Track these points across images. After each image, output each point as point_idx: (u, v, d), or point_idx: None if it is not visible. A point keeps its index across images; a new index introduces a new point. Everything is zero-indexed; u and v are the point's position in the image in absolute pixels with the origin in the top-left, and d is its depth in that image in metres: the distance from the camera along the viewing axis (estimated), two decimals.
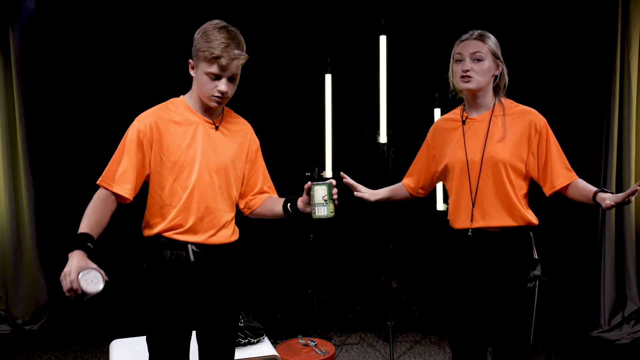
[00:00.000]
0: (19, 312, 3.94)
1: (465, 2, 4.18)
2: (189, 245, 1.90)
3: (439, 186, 3.76)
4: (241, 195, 2.08)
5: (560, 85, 4.06)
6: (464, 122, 2.13)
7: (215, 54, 1.80)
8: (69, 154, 4.00)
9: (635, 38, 3.79)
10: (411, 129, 4.14)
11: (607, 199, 1.84)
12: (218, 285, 1.96)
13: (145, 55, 4.01)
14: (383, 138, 3.65)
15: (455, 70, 2.11)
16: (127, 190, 1.86)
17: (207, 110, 1.94)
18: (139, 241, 1.97)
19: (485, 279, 2.06)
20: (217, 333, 1.99)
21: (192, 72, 1.90)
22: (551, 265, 3.37)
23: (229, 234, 1.97)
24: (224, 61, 1.81)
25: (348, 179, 2.29)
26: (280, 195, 2.15)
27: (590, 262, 3.97)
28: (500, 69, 2.09)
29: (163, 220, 1.90)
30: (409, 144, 4.07)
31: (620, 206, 1.87)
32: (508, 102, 2.12)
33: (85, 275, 1.68)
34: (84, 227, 1.79)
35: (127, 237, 3.82)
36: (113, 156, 1.88)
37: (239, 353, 2.63)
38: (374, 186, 2.47)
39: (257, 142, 2.09)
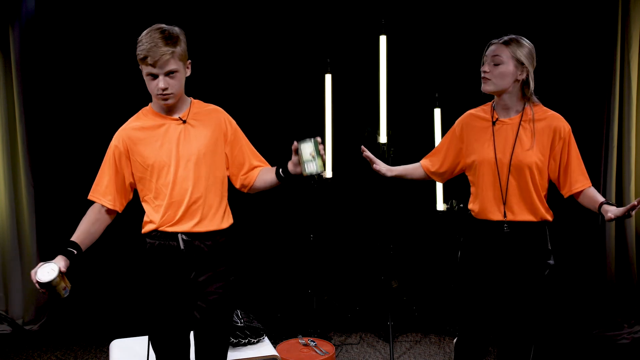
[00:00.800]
0: (19, 312, 3.94)
1: (465, 2, 4.18)
2: (179, 235, 2.00)
3: (440, 186, 3.76)
4: (232, 176, 2.17)
5: (560, 85, 4.06)
6: (494, 123, 2.26)
7: (141, 55, 1.92)
8: (69, 154, 4.00)
9: (635, 38, 3.79)
10: (411, 129, 4.15)
11: (610, 211, 2.02)
12: (211, 272, 2.03)
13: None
14: (383, 138, 3.65)
15: (481, 71, 2.26)
16: (109, 201, 2.03)
17: (170, 110, 2.04)
18: (139, 244, 2.06)
19: (508, 265, 2.23)
20: (211, 324, 2.06)
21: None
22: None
23: (218, 221, 2.05)
24: (150, 60, 1.90)
25: (367, 152, 2.43)
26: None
27: (591, 261, 3.97)
28: (525, 74, 2.19)
29: (156, 219, 2.01)
30: (409, 144, 4.09)
31: (621, 220, 2.01)
32: (538, 108, 2.23)
33: (41, 267, 1.87)
34: (74, 235, 2.01)
35: (128, 240, 3.83)
36: (99, 171, 2.07)
37: (239, 353, 2.63)
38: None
39: (233, 122, 2.15)
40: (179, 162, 2.00)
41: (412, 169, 2.50)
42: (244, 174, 2.17)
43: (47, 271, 1.86)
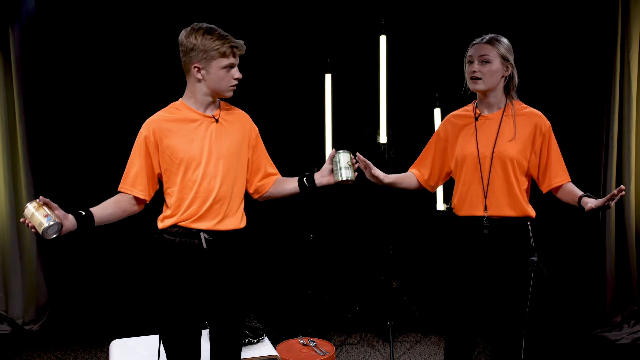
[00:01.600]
0: (19, 312, 3.94)
1: (465, 2, 4.18)
2: (202, 233, 2.01)
3: (440, 186, 3.76)
4: (248, 180, 2.20)
5: (560, 85, 4.06)
6: (476, 119, 2.30)
7: (232, 43, 1.97)
8: (69, 154, 4.00)
9: (635, 38, 3.79)
10: (411, 129, 4.16)
11: (590, 202, 2.05)
12: (229, 271, 2.06)
13: (145, 55, 4.01)
14: (383, 138, 3.65)
15: (467, 72, 2.28)
16: (140, 191, 2.04)
17: (207, 108, 2.07)
18: (140, 244, 2.02)
19: (490, 262, 2.25)
20: (227, 320, 2.09)
21: (198, 75, 2.00)
22: (552, 265, 3.38)
23: (238, 221, 2.08)
24: (237, 50, 1.99)
25: (363, 159, 2.40)
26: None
27: (591, 262, 3.97)
28: (510, 71, 2.25)
29: (177, 212, 2.02)
30: (409, 144, 4.08)
31: (602, 210, 2.03)
32: (517, 104, 2.29)
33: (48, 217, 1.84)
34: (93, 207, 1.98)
35: (128, 240, 3.83)
36: (128, 162, 2.05)
37: None
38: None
39: (256, 128, 2.21)
40: (210, 159, 2.03)
41: (404, 177, 2.50)
42: (260, 180, 2.22)
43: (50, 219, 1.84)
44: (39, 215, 1.82)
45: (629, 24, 3.79)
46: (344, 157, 2.13)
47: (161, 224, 2.06)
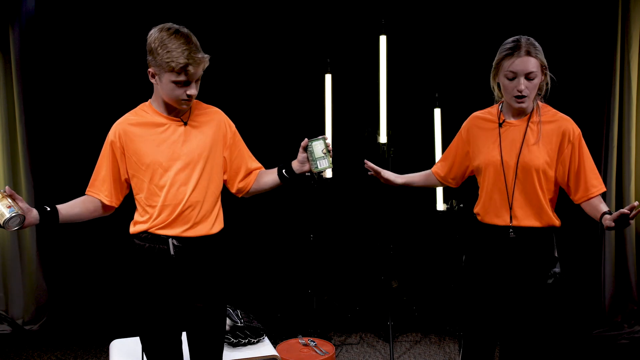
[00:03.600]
0: (19, 312, 3.94)
1: (465, 2, 4.18)
2: (170, 240, 1.95)
3: (440, 187, 3.75)
4: (229, 181, 2.12)
5: (560, 85, 4.05)
6: (500, 125, 2.18)
7: (182, 63, 1.81)
8: (69, 154, 4.00)
9: (635, 38, 3.79)
10: (411, 129, 4.16)
11: (608, 219, 1.93)
12: (199, 277, 1.99)
13: (145, 55, 4.00)
14: (383, 138, 3.65)
15: (507, 87, 2.10)
16: (105, 197, 2.00)
17: (173, 110, 1.97)
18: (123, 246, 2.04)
19: (512, 272, 2.17)
20: (203, 327, 2.03)
21: (153, 80, 1.93)
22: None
23: (209, 226, 2.00)
24: (192, 69, 1.82)
25: (371, 164, 2.40)
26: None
27: (591, 261, 3.97)
28: (545, 75, 2.13)
29: (147, 220, 1.96)
30: (409, 144, 4.09)
31: (618, 228, 1.91)
32: (544, 108, 2.16)
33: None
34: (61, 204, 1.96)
35: (128, 240, 3.83)
36: (96, 165, 2.02)
37: (239, 353, 2.63)
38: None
39: (232, 126, 2.11)
40: (177, 164, 1.94)
41: (421, 175, 2.45)
42: (242, 179, 2.13)
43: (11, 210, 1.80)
44: (2, 206, 1.79)
45: (629, 24, 3.79)
46: (317, 146, 2.04)
47: (132, 229, 2.01)
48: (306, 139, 2.04)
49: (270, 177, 2.12)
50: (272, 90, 4.23)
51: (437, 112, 3.74)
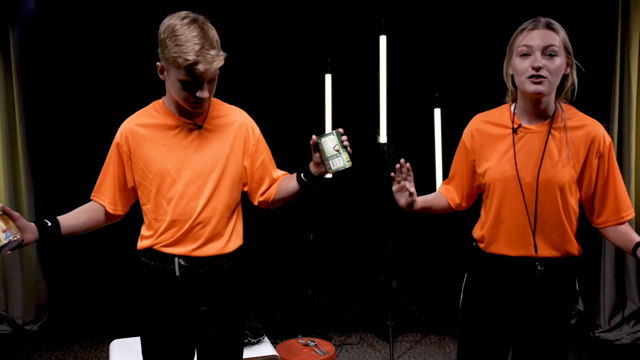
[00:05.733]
0: (19, 312, 3.94)
1: (464, 2, 4.18)
2: (176, 259, 1.72)
3: (439, 186, 3.75)
4: (251, 193, 1.87)
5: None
6: (515, 131, 1.74)
7: (190, 60, 1.54)
8: (69, 154, 4.00)
9: (635, 38, 3.79)
10: (411, 129, 4.15)
11: None
12: (211, 302, 1.77)
13: (146, 55, 4.00)
14: (383, 138, 3.65)
15: (519, 67, 1.66)
16: (109, 205, 1.79)
17: (187, 111, 1.72)
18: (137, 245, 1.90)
19: (529, 312, 1.77)
20: (214, 352, 1.80)
21: (162, 76, 1.68)
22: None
23: (222, 244, 1.75)
24: (201, 67, 1.56)
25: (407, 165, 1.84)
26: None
27: (591, 262, 3.97)
28: (571, 67, 1.70)
29: (152, 235, 1.76)
30: (409, 144, 4.09)
31: None
32: (569, 110, 1.75)
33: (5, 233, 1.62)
34: (63, 215, 1.76)
35: (128, 240, 3.83)
36: (102, 169, 1.83)
37: None
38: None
39: (256, 130, 1.84)
40: (188, 175, 1.70)
41: (434, 198, 1.96)
42: (264, 191, 1.86)
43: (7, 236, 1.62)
44: None
45: (629, 24, 3.79)
46: (328, 144, 1.73)
47: (139, 244, 1.80)
48: (314, 136, 1.73)
49: (291, 183, 1.84)
50: (272, 90, 4.22)
51: (437, 112, 3.74)
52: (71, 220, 1.75)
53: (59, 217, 1.73)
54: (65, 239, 1.82)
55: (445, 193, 1.96)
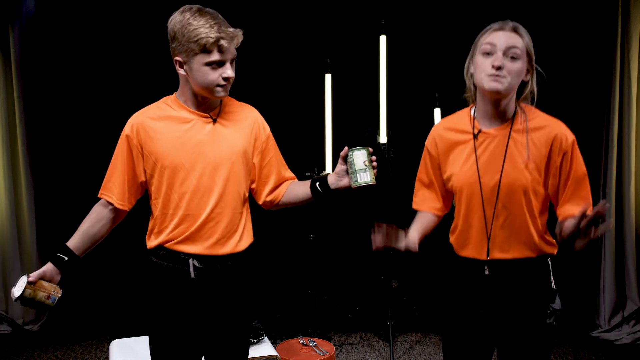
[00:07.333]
0: (18, 312, 3.94)
1: (464, 2, 4.18)
2: (190, 260, 1.72)
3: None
4: (257, 191, 1.88)
5: (560, 86, 4.06)
6: (475, 136, 1.75)
7: (213, 37, 1.61)
8: (69, 154, 4.00)
9: (635, 38, 3.79)
10: (411, 129, 4.15)
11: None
12: (224, 304, 1.78)
13: (146, 55, 4.00)
14: (383, 138, 3.65)
15: (480, 64, 1.67)
16: (118, 199, 1.76)
17: (202, 105, 1.74)
18: (141, 245, 1.88)
19: (500, 313, 1.79)
20: (224, 355, 1.83)
21: (181, 71, 1.70)
22: (552, 264, 3.37)
23: (235, 242, 1.77)
24: (225, 43, 1.62)
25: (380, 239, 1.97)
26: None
27: (590, 262, 3.97)
28: (531, 74, 1.72)
29: (162, 231, 1.74)
30: (409, 144, 4.08)
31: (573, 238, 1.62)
32: (530, 111, 1.74)
33: (18, 282, 1.69)
34: (71, 239, 1.77)
35: (128, 240, 3.83)
36: (109, 164, 1.80)
37: None
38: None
39: (267, 127, 1.88)
40: (202, 168, 1.70)
41: (425, 222, 2.03)
42: (271, 191, 1.87)
43: (19, 285, 1.66)
44: (41, 298, 1.66)
45: (629, 24, 3.79)
46: (359, 157, 1.73)
47: (149, 243, 1.78)
48: (346, 148, 1.72)
49: (301, 189, 1.86)
50: (272, 90, 4.22)
51: (437, 112, 3.74)
52: (84, 240, 1.76)
53: (69, 244, 1.75)
54: (64, 239, 1.82)
55: (424, 207, 1.98)
